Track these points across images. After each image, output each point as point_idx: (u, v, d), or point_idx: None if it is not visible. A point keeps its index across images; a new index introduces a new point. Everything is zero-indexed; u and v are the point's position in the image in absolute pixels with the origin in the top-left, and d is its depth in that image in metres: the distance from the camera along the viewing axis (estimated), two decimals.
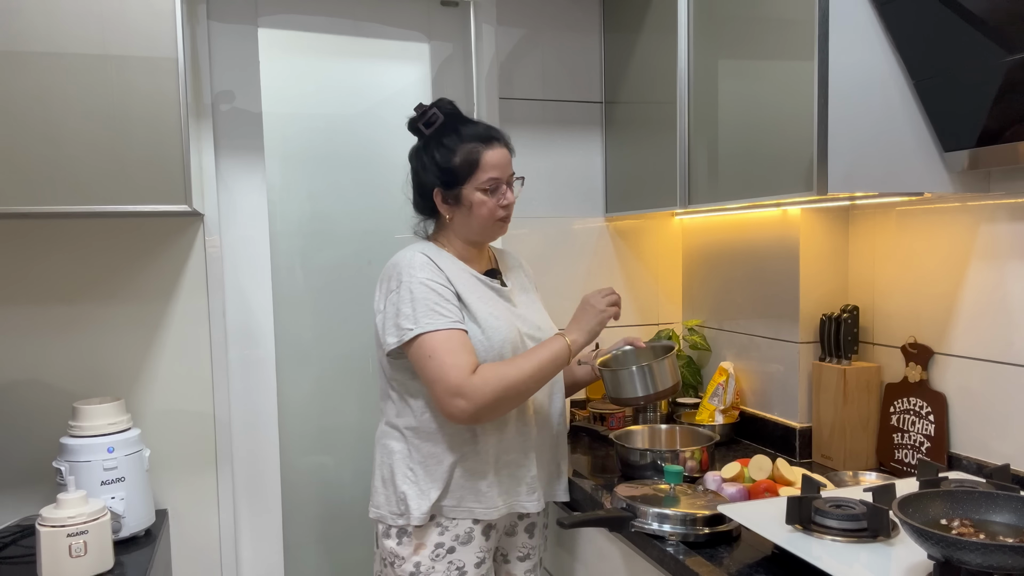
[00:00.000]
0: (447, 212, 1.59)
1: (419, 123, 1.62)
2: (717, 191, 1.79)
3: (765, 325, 2.04)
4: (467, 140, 1.56)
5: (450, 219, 1.60)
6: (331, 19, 2.19)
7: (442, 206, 1.59)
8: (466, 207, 1.57)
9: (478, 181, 1.55)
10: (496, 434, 1.56)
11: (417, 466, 1.55)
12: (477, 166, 1.55)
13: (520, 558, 1.70)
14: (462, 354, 1.45)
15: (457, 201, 1.57)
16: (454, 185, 1.56)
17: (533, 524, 1.70)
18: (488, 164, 1.55)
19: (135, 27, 1.52)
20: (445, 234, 1.63)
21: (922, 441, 1.70)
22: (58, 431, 1.75)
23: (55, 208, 1.52)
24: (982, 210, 1.58)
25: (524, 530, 1.69)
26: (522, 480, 1.60)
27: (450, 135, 1.57)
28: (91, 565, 1.46)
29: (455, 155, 1.55)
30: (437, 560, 1.54)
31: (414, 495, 1.53)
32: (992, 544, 1.00)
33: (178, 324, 1.95)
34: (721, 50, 1.76)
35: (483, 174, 1.55)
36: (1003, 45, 1.28)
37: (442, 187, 1.57)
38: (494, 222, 1.59)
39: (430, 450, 1.54)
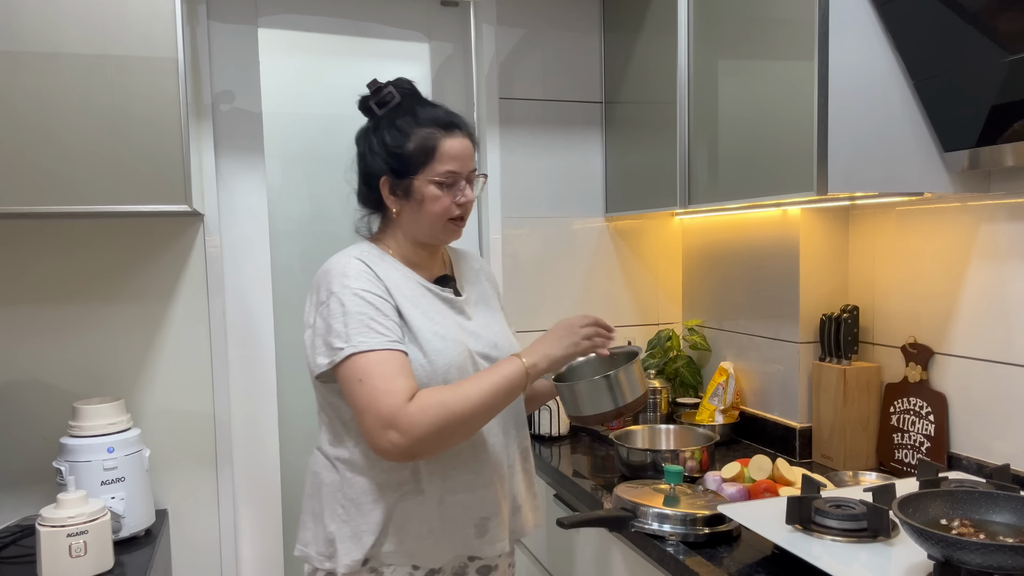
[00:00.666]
0: (394, 205, 1.38)
1: (371, 101, 1.40)
2: (717, 191, 1.79)
3: (765, 325, 2.04)
4: (424, 124, 1.35)
5: (397, 214, 1.38)
6: (331, 19, 2.19)
7: (389, 197, 1.38)
8: (416, 201, 1.35)
9: (433, 172, 1.33)
10: (441, 470, 1.33)
11: (350, 504, 1.32)
12: (433, 155, 1.33)
13: None
14: (397, 378, 1.22)
15: (407, 193, 1.35)
16: (405, 174, 1.34)
17: (489, 567, 1.45)
18: (446, 154, 1.34)
19: (135, 27, 1.52)
20: (391, 233, 1.42)
21: (922, 441, 1.70)
22: (58, 431, 1.76)
23: (55, 208, 1.52)
24: (982, 210, 1.58)
25: (476, 571, 1.44)
26: (470, 523, 1.36)
27: (405, 116, 1.36)
28: (91, 565, 1.46)
29: (409, 139, 1.34)
30: None
31: (344, 537, 1.31)
32: (992, 544, 1.00)
33: (178, 324, 1.95)
34: (721, 50, 1.76)
35: (440, 165, 1.34)
36: (1003, 45, 1.28)
37: (391, 175, 1.36)
38: (446, 222, 1.37)
39: (364, 486, 1.32)
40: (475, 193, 1.39)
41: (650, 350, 2.33)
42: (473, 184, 1.39)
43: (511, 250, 2.29)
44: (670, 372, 2.28)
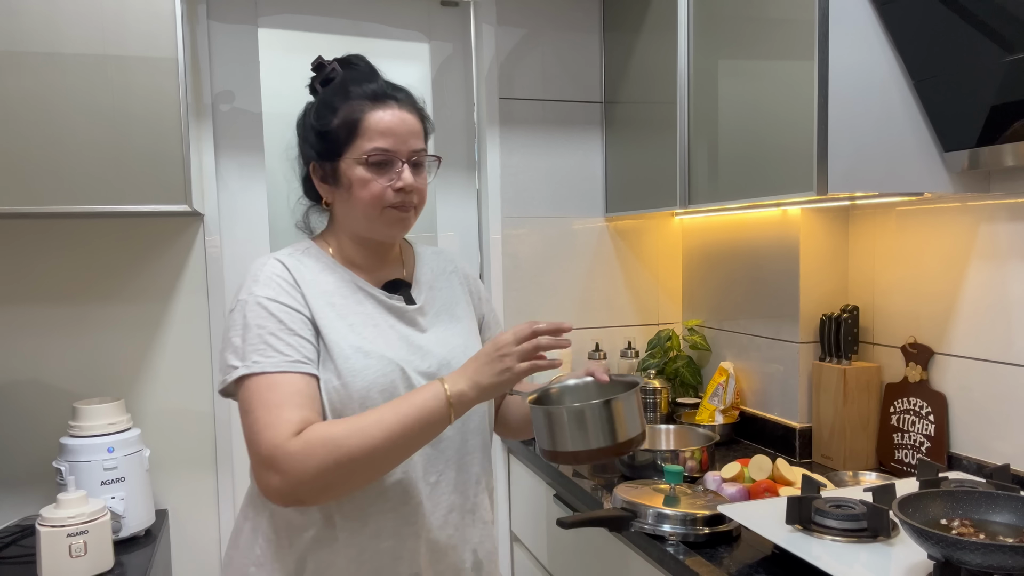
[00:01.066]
0: (326, 195, 1.20)
1: (316, 82, 1.23)
2: (717, 191, 1.79)
3: (765, 325, 2.04)
4: (354, 98, 1.15)
5: (329, 204, 1.21)
6: (331, 19, 2.19)
7: (320, 185, 1.20)
8: (345, 187, 1.16)
9: (359, 151, 1.14)
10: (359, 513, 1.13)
11: (267, 544, 1.15)
12: (357, 130, 1.13)
13: None
14: (284, 409, 1.03)
15: (335, 179, 1.17)
16: (330, 156, 1.16)
17: None
18: (373, 128, 1.13)
19: (135, 27, 1.52)
20: (332, 229, 1.25)
21: (922, 441, 1.70)
22: (58, 431, 1.75)
23: (55, 208, 1.52)
24: (982, 210, 1.58)
25: None
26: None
27: (338, 92, 1.17)
28: (91, 565, 1.46)
29: (335, 116, 1.15)
30: None
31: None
32: (992, 544, 1.00)
33: (178, 324, 1.95)
34: (721, 50, 1.76)
35: (366, 142, 1.13)
36: (1003, 45, 1.28)
37: (317, 159, 1.18)
38: (382, 210, 1.15)
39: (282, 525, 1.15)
40: (429, 178, 1.20)
41: (650, 350, 2.33)
42: (420, 167, 1.18)
43: (511, 250, 2.28)
44: (670, 372, 2.28)
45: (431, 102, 2.27)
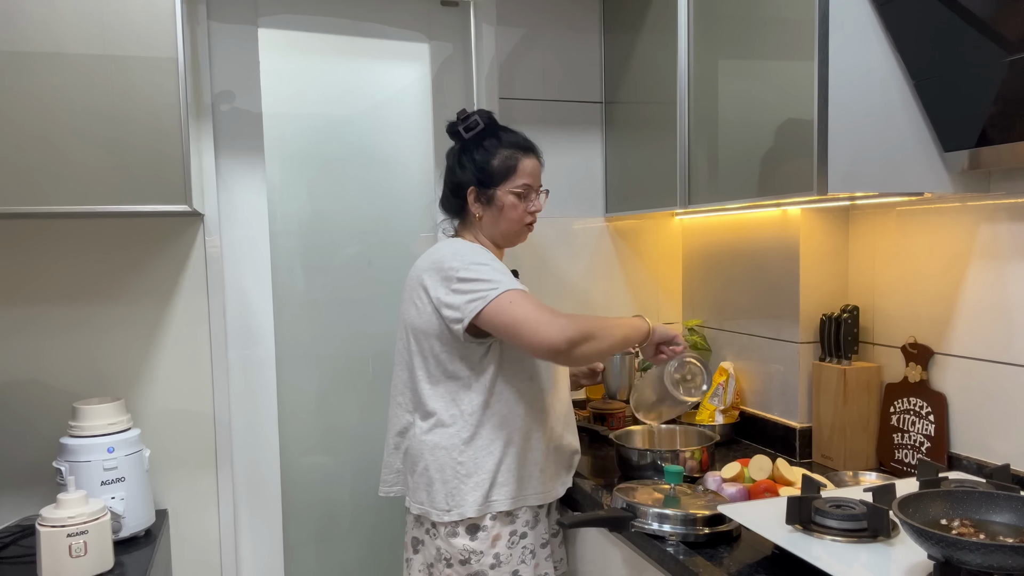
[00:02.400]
0: (478, 211, 1.66)
1: (459, 127, 1.68)
2: (717, 191, 1.79)
3: (765, 325, 2.04)
4: (507, 145, 1.65)
5: (480, 218, 1.67)
6: (331, 19, 2.19)
7: (474, 204, 1.66)
8: (497, 208, 1.65)
9: (513, 184, 1.64)
10: (544, 418, 1.63)
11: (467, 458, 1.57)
12: (514, 171, 1.64)
13: (553, 534, 1.74)
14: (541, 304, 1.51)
15: (490, 201, 1.65)
16: (489, 185, 1.64)
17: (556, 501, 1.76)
18: (524, 170, 1.65)
19: (135, 27, 1.52)
20: (472, 233, 1.70)
21: (922, 441, 1.70)
22: (58, 431, 1.75)
23: (55, 208, 1.52)
24: (982, 210, 1.58)
25: (555, 508, 1.75)
26: (564, 460, 1.70)
27: (491, 139, 1.66)
28: (91, 565, 1.46)
29: (494, 157, 1.64)
30: (513, 547, 1.59)
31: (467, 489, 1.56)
32: (992, 544, 1.00)
33: (178, 324, 1.95)
34: (721, 50, 1.76)
35: (518, 179, 1.64)
36: (1003, 45, 1.28)
37: (477, 186, 1.65)
38: (521, 227, 1.68)
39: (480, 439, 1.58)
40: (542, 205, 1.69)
41: None
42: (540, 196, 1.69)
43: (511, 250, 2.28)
44: None
45: (431, 102, 2.27)
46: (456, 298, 1.53)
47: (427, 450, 1.60)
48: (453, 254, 1.58)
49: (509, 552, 1.58)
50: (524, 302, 1.49)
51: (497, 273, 1.53)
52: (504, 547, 1.58)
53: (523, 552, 1.60)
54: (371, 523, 2.30)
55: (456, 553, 1.57)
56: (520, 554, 1.59)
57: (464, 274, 1.54)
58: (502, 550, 1.57)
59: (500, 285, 1.50)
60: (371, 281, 2.27)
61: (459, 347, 1.57)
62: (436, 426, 1.60)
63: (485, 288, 1.51)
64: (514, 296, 1.49)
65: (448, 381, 1.60)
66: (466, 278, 1.53)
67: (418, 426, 1.64)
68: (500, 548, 1.57)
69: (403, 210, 2.31)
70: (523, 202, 1.66)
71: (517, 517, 1.60)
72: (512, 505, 1.58)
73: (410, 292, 1.64)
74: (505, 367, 1.59)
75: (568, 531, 1.78)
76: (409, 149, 2.30)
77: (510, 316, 1.49)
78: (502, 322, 1.49)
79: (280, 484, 2.12)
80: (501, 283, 1.51)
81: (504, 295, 1.50)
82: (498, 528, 1.57)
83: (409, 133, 2.30)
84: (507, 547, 1.58)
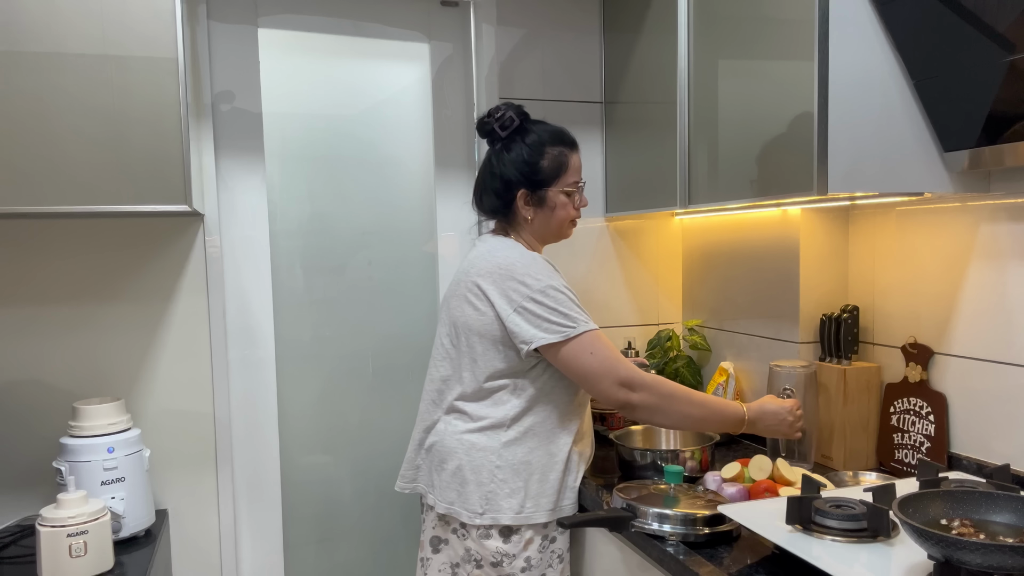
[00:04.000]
0: (528, 213, 1.63)
1: (494, 124, 1.64)
2: (717, 191, 1.79)
3: (765, 325, 2.04)
4: (553, 143, 1.62)
5: (531, 220, 1.63)
6: (331, 19, 2.19)
7: (525, 208, 1.62)
8: (549, 208, 1.63)
9: (565, 183, 1.62)
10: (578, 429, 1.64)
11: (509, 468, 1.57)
12: (566, 169, 1.61)
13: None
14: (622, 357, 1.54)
15: (541, 202, 1.62)
16: (541, 186, 1.61)
17: None
18: (573, 167, 1.63)
19: (135, 27, 1.52)
20: (520, 232, 1.67)
21: (922, 441, 1.70)
22: (58, 431, 1.76)
23: (55, 208, 1.52)
24: (982, 210, 1.58)
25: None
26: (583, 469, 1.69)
27: (533, 135, 1.62)
28: (91, 565, 1.46)
29: (543, 157, 1.60)
30: (544, 552, 1.59)
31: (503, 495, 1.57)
32: (992, 544, 1.00)
33: (178, 324, 1.95)
34: (721, 50, 1.76)
35: (569, 177, 1.62)
36: (1003, 45, 1.28)
37: (528, 188, 1.61)
38: (568, 224, 1.67)
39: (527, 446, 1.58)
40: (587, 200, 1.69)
41: (650, 350, 2.33)
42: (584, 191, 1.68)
43: None
44: (670, 372, 2.28)
45: (431, 102, 2.27)
46: (525, 322, 1.52)
47: (463, 449, 1.59)
48: (524, 267, 1.55)
49: (540, 556, 1.58)
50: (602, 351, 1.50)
51: (574, 307, 1.53)
52: (536, 551, 1.58)
53: (551, 556, 1.60)
54: (371, 523, 2.30)
55: (488, 555, 1.56)
56: (549, 558, 1.60)
57: (540, 298, 1.52)
58: (533, 554, 1.58)
59: (578, 325, 1.51)
60: (371, 281, 2.27)
61: (515, 355, 1.57)
62: (476, 426, 1.59)
63: (563, 323, 1.51)
64: (593, 341, 1.51)
65: (495, 383, 1.59)
66: (542, 303, 1.52)
67: (453, 424, 1.62)
68: (532, 552, 1.58)
69: (403, 210, 2.31)
70: (571, 200, 1.64)
71: (549, 522, 1.60)
72: (547, 517, 1.58)
73: (464, 291, 1.61)
74: (553, 379, 1.60)
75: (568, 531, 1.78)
76: (409, 149, 2.30)
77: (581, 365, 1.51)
78: (575, 366, 1.52)
79: (280, 484, 2.12)
80: (579, 322, 1.51)
81: (583, 338, 1.50)
82: (531, 532, 1.58)
83: (409, 133, 2.30)
84: (538, 551, 1.58)
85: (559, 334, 1.51)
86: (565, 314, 1.51)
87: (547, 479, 1.58)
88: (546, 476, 1.58)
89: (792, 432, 1.62)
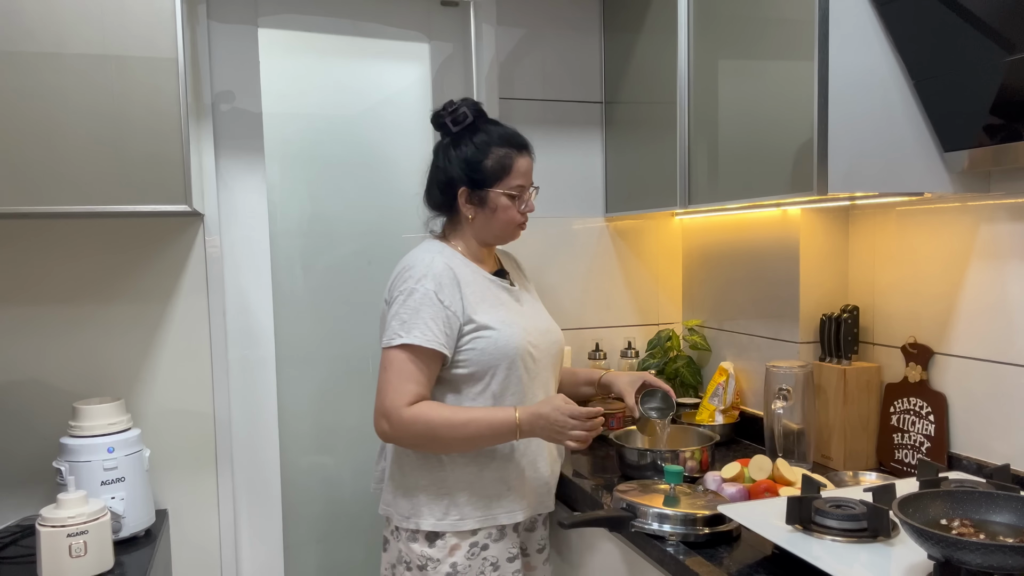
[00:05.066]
0: (469, 212, 1.60)
1: (446, 119, 1.61)
2: (717, 191, 1.79)
3: (765, 325, 2.04)
4: (501, 144, 1.58)
5: (472, 219, 1.61)
6: (331, 19, 2.19)
7: (465, 206, 1.60)
8: (490, 209, 1.59)
9: (507, 185, 1.58)
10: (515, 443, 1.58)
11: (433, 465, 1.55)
12: (509, 171, 1.57)
13: (538, 550, 1.74)
14: (408, 383, 1.47)
15: (482, 202, 1.59)
16: (482, 186, 1.58)
17: (546, 517, 1.76)
18: (518, 171, 1.59)
19: (135, 27, 1.52)
20: (459, 233, 1.64)
21: (922, 441, 1.70)
22: (58, 431, 1.75)
23: (55, 208, 1.52)
24: (982, 210, 1.58)
25: (541, 524, 1.75)
26: (540, 481, 1.64)
27: (482, 135, 1.59)
28: (91, 565, 1.46)
29: (488, 157, 1.57)
30: (473, 559, 1.55)
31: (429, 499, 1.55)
32: (992, 544, 1.00)
33: (178, 324, 1.95)
34: (721, 50, 1.76)
35: (513, 180, 1.58)
36: (1003, 45, 1.28)
37: (469, 186, 1.58)
38: (514, 227, 1.62)
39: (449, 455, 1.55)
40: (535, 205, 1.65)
41: (650, 350, 2.33)
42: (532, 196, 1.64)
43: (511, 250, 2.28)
44: (670, 372, 2.28)
45: (431, 102, 2.27)
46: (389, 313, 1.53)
47: (392, 453, 1.61)
48: (411, 267, 1.55)
49: (468, 563, 1.54)
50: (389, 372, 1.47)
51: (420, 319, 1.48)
52: (463, 558, 1.54)
53: (483, 564, 1.56)
54: (371, 523, 2.30)
55: (415, 558, 1.55)
56: (480, 566, 1.56)
57: (400, 297, 1.52)
58: (460, 560, 1.54)
59: (397, 338, 1.48)
60: (371, 281, 2.27)
61: None
62: None
63: (394, 329, 1.50)
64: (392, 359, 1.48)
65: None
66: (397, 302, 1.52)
67: None
68: (458, 558, 1.54)
69: (403, 210, 2.30)
70: (515, 203, 1.60)
71: (479, 530, 1.56)
72: (470, 525, 1.54)
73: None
74: (463, 386, 1.55)
75: (566, 533, 1.78)
76: (409, 149, 2.30)
77: (379, 381, 1.50)
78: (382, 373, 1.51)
79: (280, 484, 2.12)
80: (401, 335, 1.48)
81: (390, 352, 1.49)
82: (457, 539, 1.54)
83: (409, 133, 2.30)
84: (466, 558, 1.54)
85: (385, 339, 1.51)
86: (404, 321, 1.49)
87: (469, 486, 1.54)
88: (468, 483, 1.54)
89: (562, 440, 1.48)
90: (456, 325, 1.52)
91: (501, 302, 1.60)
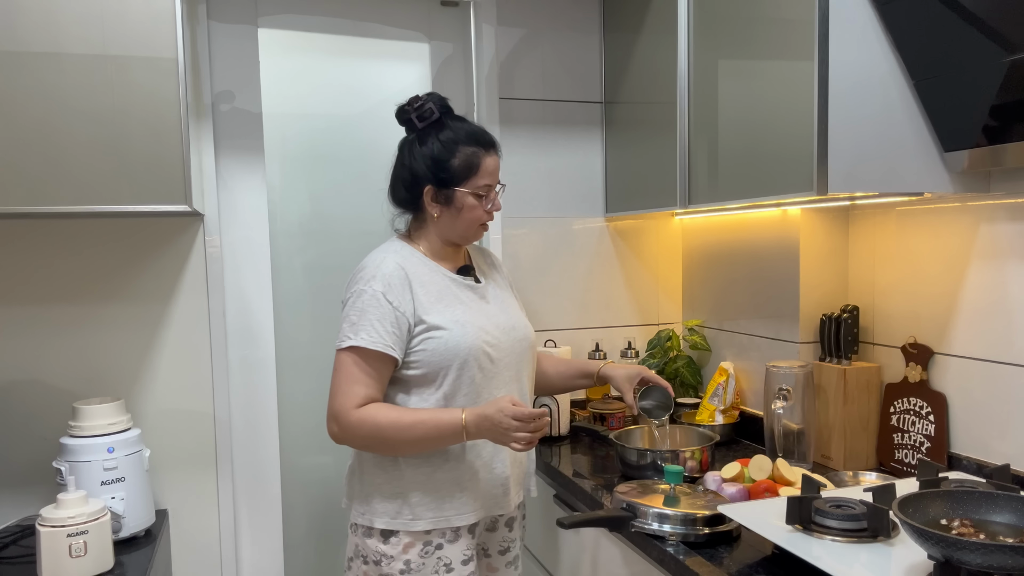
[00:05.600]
0: (434, 211, 1.57)
1: (412, 115, 1.58)
2: (717, 191, 1.79)
3: (765, 325, 2.04)
4: (467, 142, 1.55)
5: (437, 217, 1.57)
6: (331, 19, 2.19)
7: (431, 204, 1.57)
8: (456, 208, 1.56)
9: (474, 185, 1.55)
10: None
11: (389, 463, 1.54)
12: (476, 170, 1.54)
13: (500, 552, 1.70)
14: (357, 386, 1.47)
15: (448, 201, 1.56)
16: (448, 184, 1.54)
17: (512, 519, 1.69)
18: (485, 170, 1.55)
19: (135, 27, 1.52)
20: (423, 231, 1.62)
21: (922, 441, 1.70)
22: (58, 431, 1.75)
23: (55, 208, 1.52)
24: (982, 210, 1.58)
25: (504, 525, 1.68)
26: (496, 483, 1.58)
27: (448, 132, 1.55)
28: (91, 565, 1.46)
29: (455, 155, 1.54)
30: (427, 557, 1.53)
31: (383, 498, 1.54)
32: (992, 544, 1.00)
33: (178, 324, 1.95)
34: (721, 50, 1.76)
35: (479, 179, 1.55)
36: (1003, 45, 1.28)
37: (435, 185, 1.55)
38: (478, 227, 1.59)
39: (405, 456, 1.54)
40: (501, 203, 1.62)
41: (650, 350, 2.33)
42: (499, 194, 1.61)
43: (511, 250, 2.29)
44: (670, 372, 2.28)
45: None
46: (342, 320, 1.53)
47: (355, 451, 1.61)
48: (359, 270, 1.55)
49: (422, 561, 1.52)
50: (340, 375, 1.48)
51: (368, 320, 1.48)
52: (417, 556, 1.52)
53: (438, 563, 1.53)
54: None
55: (371, 553, 1.54)
56: (435, 565, 1.53)
57: (350, 299, 1.52)
58: (414, 558, 1.52)
59: (347, 340, 1.48)
60: None
61: None
62: None
63: (344, 331, 1.50)
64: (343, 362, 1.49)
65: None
66: (348, 304, 1.52)
67: None
68: (412, 556, 1.52)
69: None
70: (482, 202, 1.56)
71: (432, 531, 1.53)
72: (422, 526, 1.52)
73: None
74: (414, 387, 1.54)
75: (564, 533, 1.78)
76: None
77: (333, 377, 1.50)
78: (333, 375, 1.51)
79: (280, 484, 2.12)
80: (350, 338, 1.48)
81: (341, 355, 1.49)
82: (410, 538, 1.53)
83: None
84: (420, 556, 1.52)
85: (338, 341, 1.51)
86: (352, 323, 1.49)
87: (421, 487, 1.52)
88: (420, 484, 1.52)
89: (506, 442, 1.44)
90: (406, 326, 1.50)
91: (460, 300, 1.57)
